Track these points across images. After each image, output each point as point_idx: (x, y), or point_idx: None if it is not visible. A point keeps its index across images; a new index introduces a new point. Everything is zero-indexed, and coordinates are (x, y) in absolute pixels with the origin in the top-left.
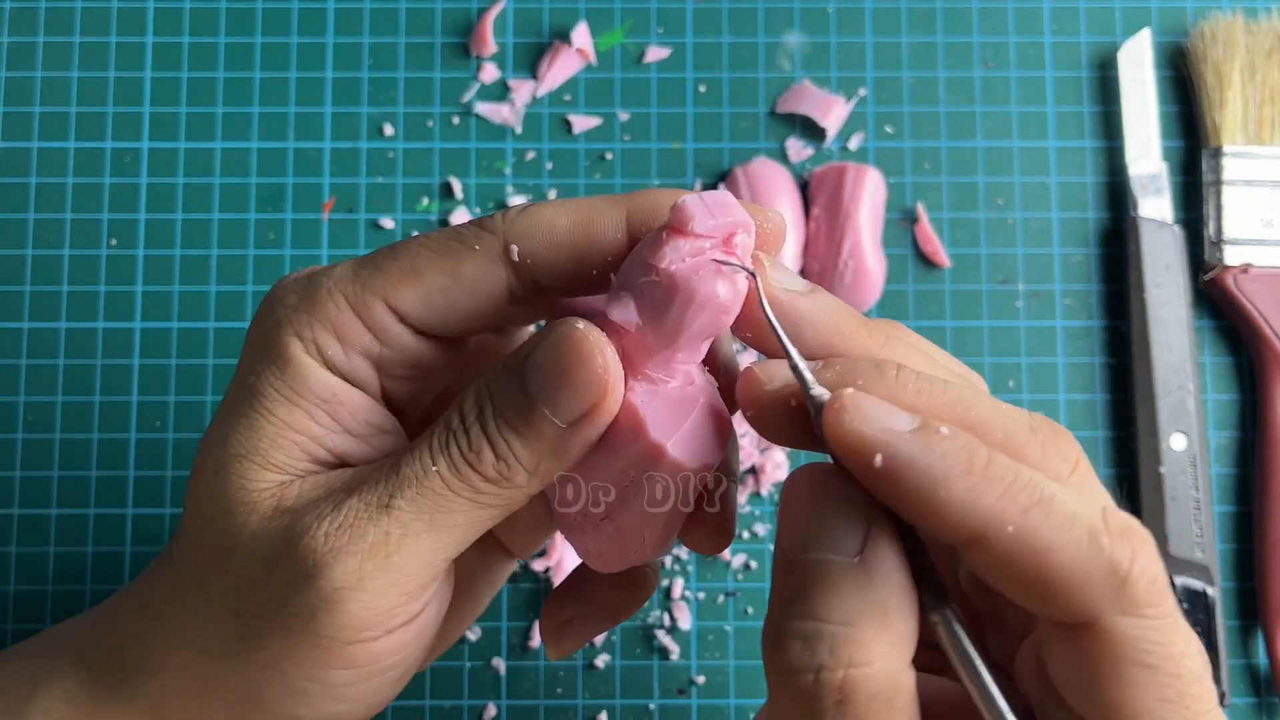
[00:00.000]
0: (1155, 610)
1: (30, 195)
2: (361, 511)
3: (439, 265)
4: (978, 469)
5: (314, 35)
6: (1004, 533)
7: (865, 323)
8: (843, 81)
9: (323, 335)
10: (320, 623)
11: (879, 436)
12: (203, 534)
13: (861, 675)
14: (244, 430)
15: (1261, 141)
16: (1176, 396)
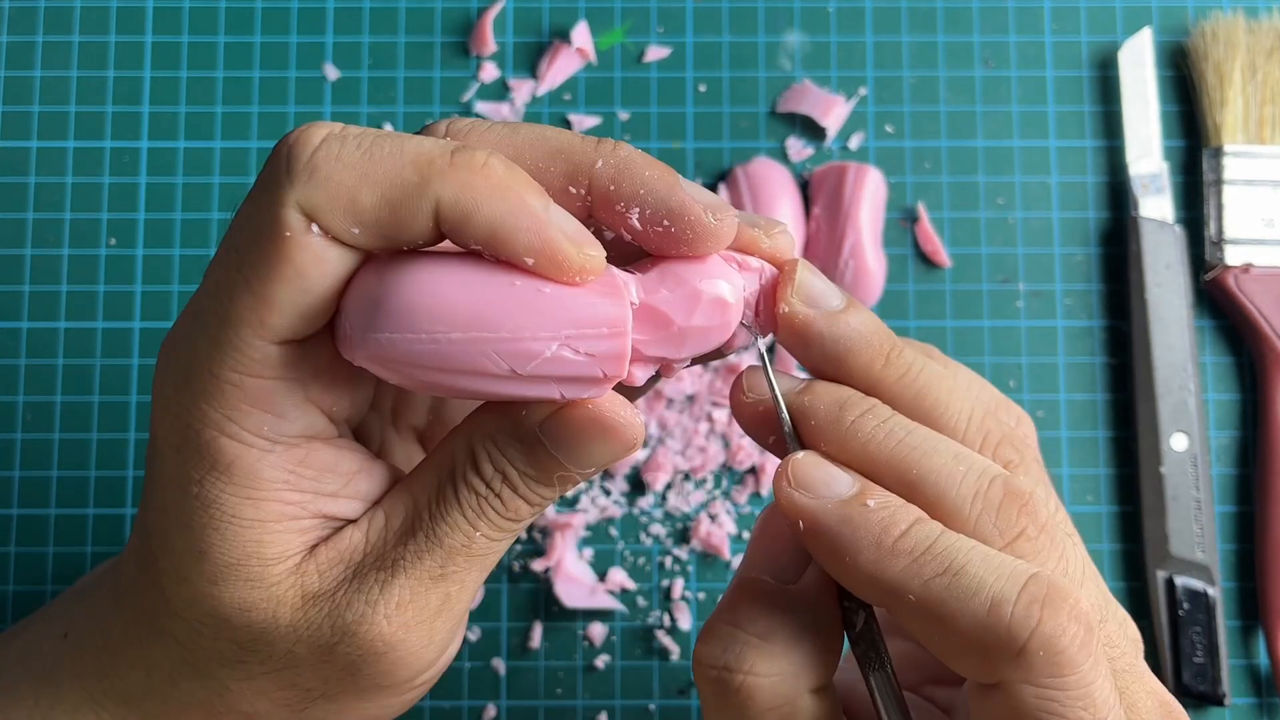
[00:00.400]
0: (1056, 681)
1: (29, 195)
2: (417, 588)
3: (275, 274)
4: (887, 542)
5: (314, 35)
6: (907, 600)
7: (888, 353)
8: (843, 81)
9: (243, 418)
10: (396, 678)
11: (806, 505)
12: (222, 632)
13: (756, 684)
14: (220, 542)
15: (1262, 141)
16: (1177, 396)
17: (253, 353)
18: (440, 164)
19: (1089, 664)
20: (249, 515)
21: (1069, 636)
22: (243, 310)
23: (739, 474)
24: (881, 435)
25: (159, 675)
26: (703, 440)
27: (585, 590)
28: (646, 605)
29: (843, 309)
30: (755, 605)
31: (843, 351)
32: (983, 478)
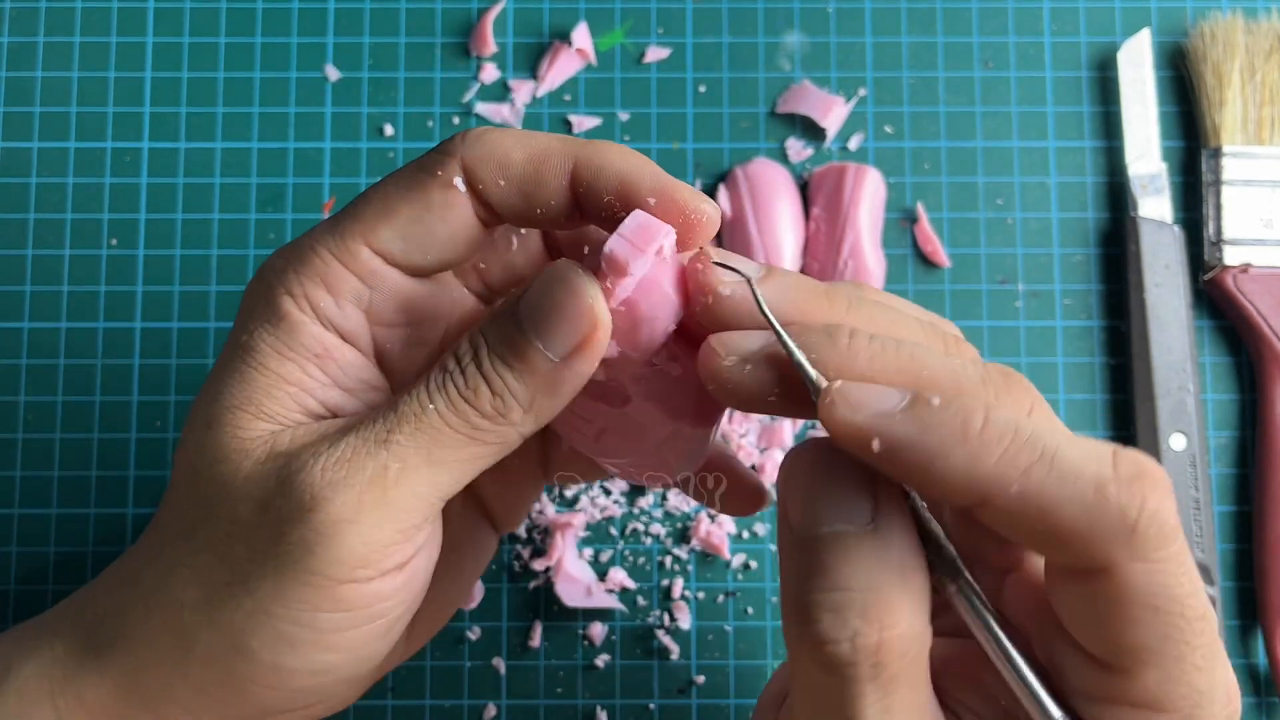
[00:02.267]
0: (1163, 554)
1: (31, 195)
2: (359, 446)
3: (408, 198)
4: (973, 435)
5: (314, 35)
6: (1009, 493)
7: (826, 292)
8: (843, 81)
9: (312, 289)
10: (315, 558)
11: (871, 423)
12: (193, 487)
13: (894, 636)
14: (236, 384)
15: (1261, 142)
16: (1176, 396)
17: (352, 244)
18: (577, 140)
19: (1182, 533)
20: (272, 366)
21: (1168, 508)
22: (368, 215)
23: None
24: (878, 348)
25: (128, 583)
26: None
27: (585, 590)
28: (646, 605)
29: (767, 271)
30: (848, 560)
31: (791, 303)
32: (977, 365)
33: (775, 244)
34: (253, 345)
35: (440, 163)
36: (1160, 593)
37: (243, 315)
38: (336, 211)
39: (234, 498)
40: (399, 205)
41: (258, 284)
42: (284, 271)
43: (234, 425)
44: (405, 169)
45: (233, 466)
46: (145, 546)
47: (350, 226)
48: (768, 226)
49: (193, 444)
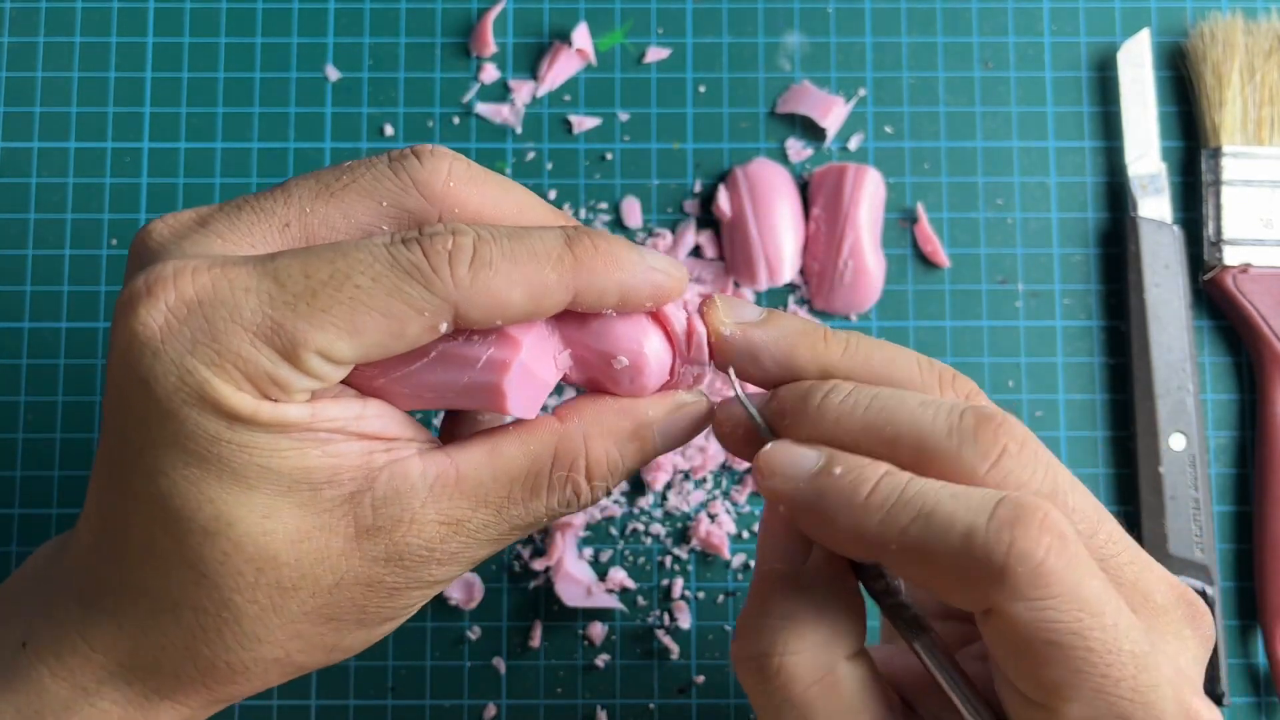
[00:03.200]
0: (1043, 592)
1: (31, 195)
2: (473, 546)
3: (381, 326)
4: (858, 501)
5: (314, 35)
6: (890, 550)
7: (822, 338)
8: (842, 82)
9: (266, 389)
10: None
11: (781, 489)
12: (266, 573)
13: (794, 661)
14: (264, 474)
15: (1260, 142)
16: (1176, 396)
17: (304, 353)
18: (568, 260)
19: (1070, 569)
20: (286, 449)
21: (1043, 547)
22: (327, 325)
23: (738, 473)
24: (849, 406)
25: (170, 654)
26: (702, 440)
27: (585, 590)
28: (646, 604)
29: (766, 316)
30: (774, 592)
31: (786, 348)
32: (952, 413)
33: (775, 244)
34: (245, 441)
35: (428, 303)
36: (1052, 629)
37: (178, 407)
38: (273, 265)
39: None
40: (369, 328)
41: (186, 376)
42: (222, 367)
43: (300, 505)
44: (380, 277)
45: (319, 544)
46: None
47: (305, 334)
48: (768, 227)
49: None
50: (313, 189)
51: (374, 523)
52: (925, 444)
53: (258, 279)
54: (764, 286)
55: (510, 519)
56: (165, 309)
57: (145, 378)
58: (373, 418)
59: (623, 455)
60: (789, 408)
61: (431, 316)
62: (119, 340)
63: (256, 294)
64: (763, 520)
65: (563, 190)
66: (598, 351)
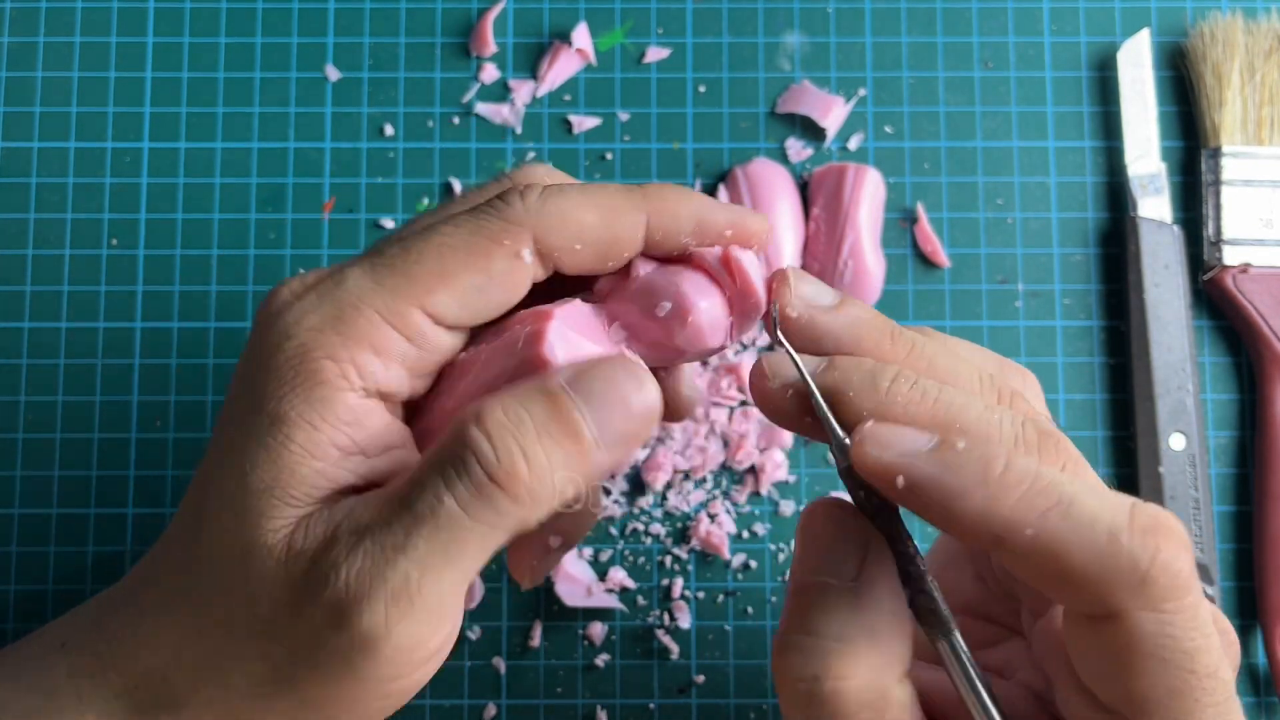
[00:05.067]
0: (1174, 605)
1: (31, 195)
2: (378, 556)
3: (470, 264)
4: (993, 478)
5: (314, 35)
6: (1023, 535)
7: (890, 333)
8: (842, 82)
9: (360, 355)
10: (357, 667)
11: (897, 462)
12: (224, 576)
13: (847, 687)
14: (264, 462)
15: (1260, 142)
16: (1176, 396)
17: (403, 307)
18: (638, 191)
19: (1197, 589)
20: (299, 439)
21: (1182, 562)
22: (422, 274)
23: (738, 473)
24: (918, 396)
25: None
26: (702, 440)
27: (585, 589)
28: (646, 604)
29: (840, 302)
30: (826, 609)
31: (852, 339)
32: (1016, 423)
33: (775, 244)
34: (283, 415)
35: (506, 231)
36: (1169, 644)
37: (272, 376)
38: (375, 250)
39: (266, 597)
40: (459, 271)
41: (285, 341)
42: (322, 332)
43: (259, 514)
44: (460, 223)
45: (259, 563)
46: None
47: (403, 287)
48: None
49: (220, 530)
50: None
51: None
52: (993, 442)
53: (362, 257)
54: None
55: (414, 510)
56: (291, 289)
57: (256, 349)
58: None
59: (525, 407)
60: (854, 382)
61: (512, 243)
62: (254, 323)
63: (361, 265)
64: (807, 529)
65: None
66: (645, 306)
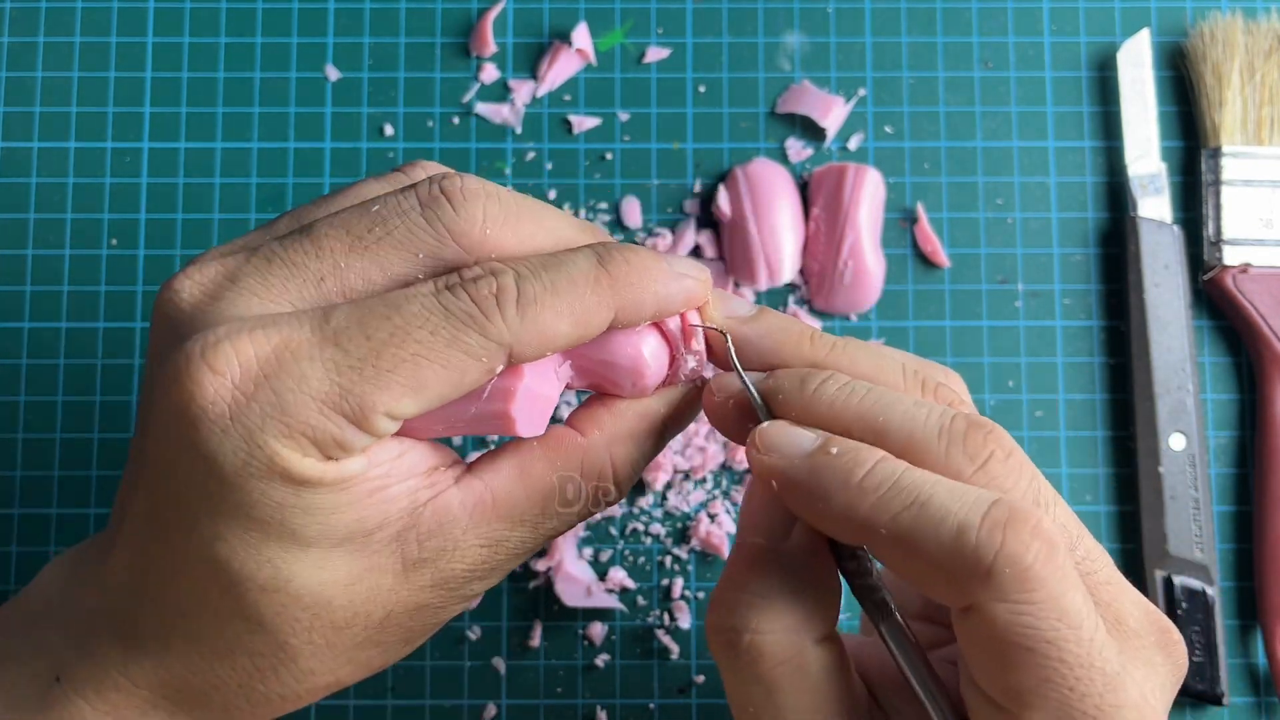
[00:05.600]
0: (1025, 595)
1: (31, 195)
2: (510, 561)
3: (444, 380)
4: (853, 482)
5: (314, 35)
6: (879, 534)
7: (809, 337)
8: (842, 82)
9: (330, 451)
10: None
11: (774, 464)
12: (321, 616)
13: (762, 640)
14: (320, 532)
15: (1260, 142)
16: (1176, 396)
17: (372, 415)
18: (605, 280)
19: (1056, 578)
20: (344, 504)
21: (1032, 553)
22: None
23: (738, 473)
24: (844, 395)
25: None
26: (702, 440)
27: (585, 590)
28: (646, 604)
29: (757, 313)
30: (752, 567)
31: (773, 344)
32: (944, 415)
33: (775, 244)
34: (308, 505)
35: (485, 350)
36: (1029, 634)
37: (246, 479)
38: (333, 330)
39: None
40: (433, 381)
41: (256, 451)
42: (293, 438)
43: (351, 554)
44: (439, 332)
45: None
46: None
47: (373, 397)
48: (767, 226)
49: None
50: (345, 242)
51: (420, 556)
52: (915, 440)
53: (320, 345)
54: (764, 286)
55: (545, 532)
56: (232, 385)
57: (211, 454)
58: (410, 452)
59: (643, 453)
60: (785, 386)
61: (489, 361)
62: (173, 413)
63: (321, 362)
64: (746, 493)
65: (563, 190)
66: (598, 360)
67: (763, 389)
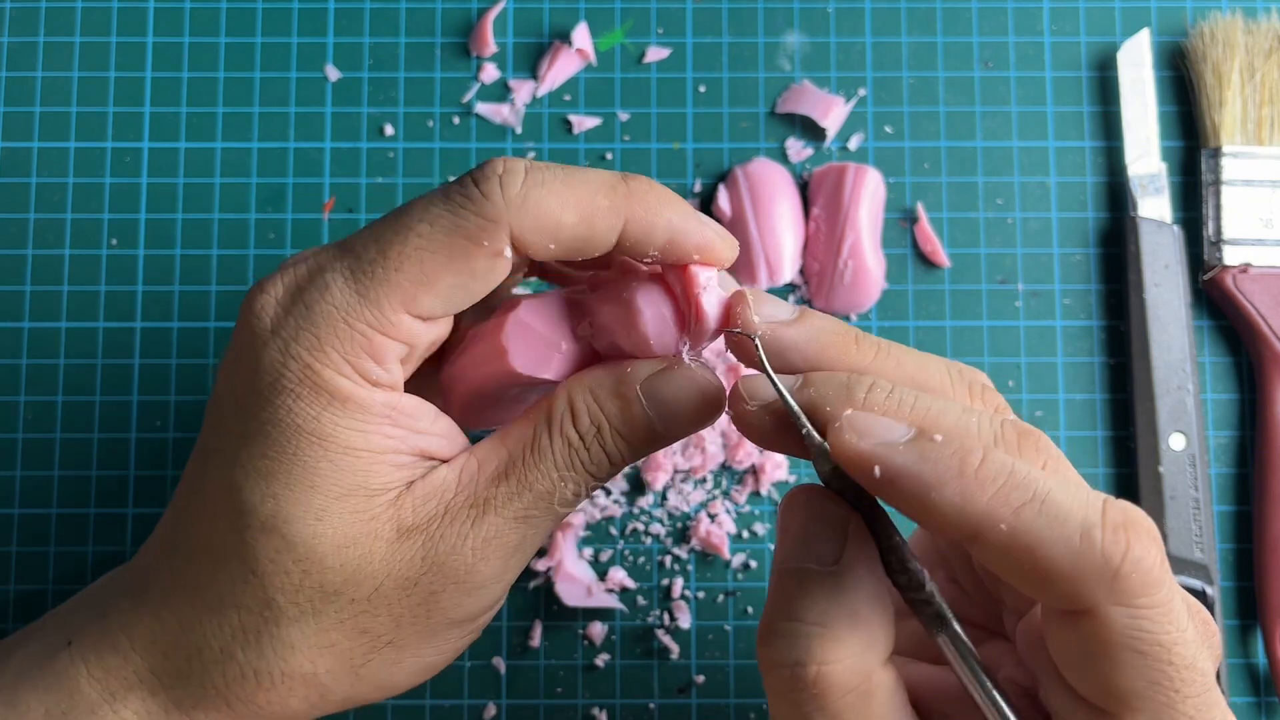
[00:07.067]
0: (1147, 600)
1: (31, 195)
2: (503, 526)
3: (450, 267)
4: (969, 472)
5: (314, 35)
6: (998, 530)
7: (854, 341)
8: (842, 81)
9: (361, 363)
10: (468, 612)
11: (875, 450)
12: (311, 575)
13: (831, 671)
14: (330, 473)
15: (1260, 142)
16: (1176, 396)
17: (392, 315)
18: (621, 189)
19: (1169, 582)
20: (360, 445)
21: (1153, 557)
22: (404, 282)
23: (738, 473)
24: (895, 403)
25: (208, 653)
26: (702, 439)
27: (585, 589)
28: (646, 604)
29: (799, 316)
30: (806, 594)
31: (817, 350)
32: (994, 423)
33: (775, 244)
34: (330, 433)
35: (485, 230)
36: (1144, 638)
37: (288, 399)
38: (350, 248)
39: (376, 577)
40: (440, 273)
41: (292, 364)
42: (323, 351)
43: (350, 513)
44: (438, 221)
45: (365, 550)
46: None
47: (387, 297)
48: (768, 226)
49: (307, 536)
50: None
51: (413, 522)
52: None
53: (339, 256)
54: (764, 286)
55: (531, 488)
56: (274, 302)
57: (254, 366)
58: (439, 436)
59: (604, 408)
60: (830, 396)
61: (491, 242)
62: (236, 336)
63: (340, 271)
64: (786, 517)
65: None
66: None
67: (803, 401)
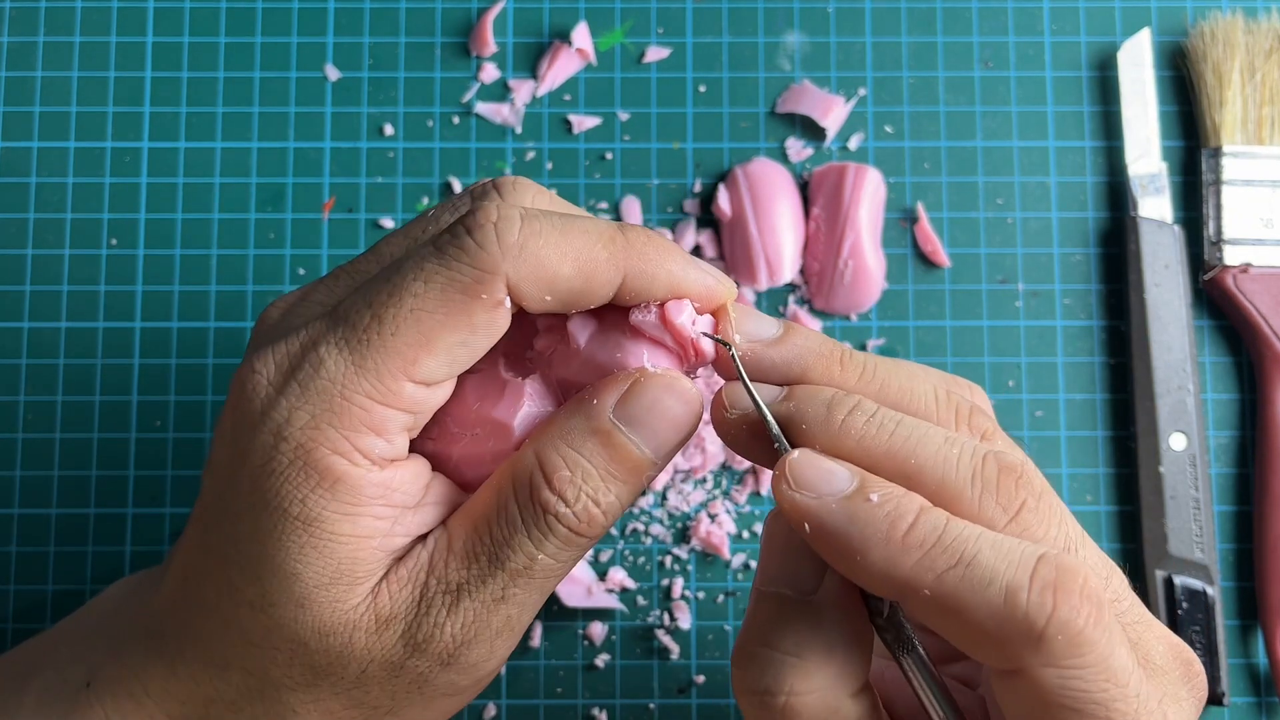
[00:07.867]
0: (1077, 660)
1: (30, 195)
2: (480, 611)
3: (449, 325)
4: (896, 537)
5: (314, 35)
6: (921, 594)
7: (839, 360)
8: (842, 81)
9: (362, 441)
10: (459, 686)
11: (808, 506)
12: (298, 655)
13: (800, 703)
14: (315, 559)
15: (1261, 141)
16: (1176, 396)
17: (392, 384)
18: (620, 241)
19: (1105, 639)
20: (346, 531)
21: (1083, 617)
22: (402, 347)
23: (738, 473)
24: (874, 429)
25: (219, 705)
26: (702, 440)
27: (585, 590)
28: (646, 604)
29: (784, 334)
30: (782, 622)
31: (800, 370)
32: (975, 456)
33: (775, 244)
34: (317, 517)
35: (482, 282)
36: (1078, 696)
37: (277, 480)
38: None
39: (359, 663)
40: (439, 332)
41: (285, 446)
42: (319, 429)
43: (329, 602)
44: (433, 279)
45: (344, 639)
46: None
47: (386, 363)
48: (768, 226)
49: (288, 621)
50: None
51: (390, 611)
52: (947, 484)
53: (331, 327)
54: (764, 286)
55: (508, 568)
56: (266, 383)
57: (246, 448)
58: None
59: (583, 453)
60: (809, 414)
61: (490, 293)
62: (226, 413)
63: (334, 344)
64: (768, 536)
65: (563, 190)
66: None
67: (782, 414)
